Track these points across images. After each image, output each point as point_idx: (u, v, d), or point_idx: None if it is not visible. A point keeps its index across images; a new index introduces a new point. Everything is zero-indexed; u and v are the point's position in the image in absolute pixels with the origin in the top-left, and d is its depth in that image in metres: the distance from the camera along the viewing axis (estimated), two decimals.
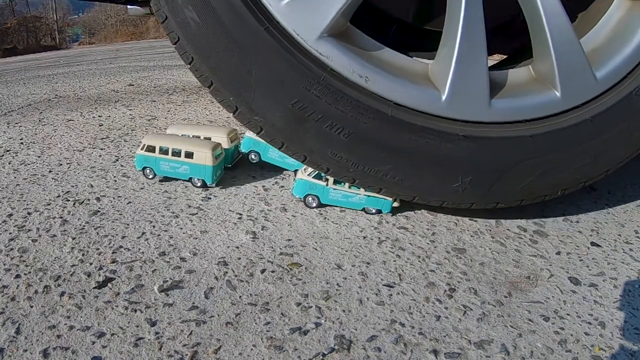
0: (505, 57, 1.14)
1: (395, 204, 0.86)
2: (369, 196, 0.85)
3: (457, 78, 0.72)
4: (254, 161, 1.04)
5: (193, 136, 1.04)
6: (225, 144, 1.03)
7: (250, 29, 0.69)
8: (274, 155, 1.03)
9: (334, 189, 0.86)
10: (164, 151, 0.94)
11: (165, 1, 0.71)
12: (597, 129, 0.76)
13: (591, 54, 0.78)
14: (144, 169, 0.98)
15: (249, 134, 1.04)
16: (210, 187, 0.96)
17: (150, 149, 0.95)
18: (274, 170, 1.06)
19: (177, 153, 0.94)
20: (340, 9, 0.70)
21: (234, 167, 1.08)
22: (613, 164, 0.80)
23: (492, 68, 0.80)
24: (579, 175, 0.78)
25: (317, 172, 0.86)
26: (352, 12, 0.74)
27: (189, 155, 0.93)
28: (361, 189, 0.84)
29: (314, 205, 0.88)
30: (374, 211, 0.87)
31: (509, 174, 0.76)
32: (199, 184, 0.95)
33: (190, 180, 0.96)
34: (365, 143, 0.73)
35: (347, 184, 0.86)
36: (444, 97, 0.73)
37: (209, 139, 1.03)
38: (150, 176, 0.98)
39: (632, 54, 0.78)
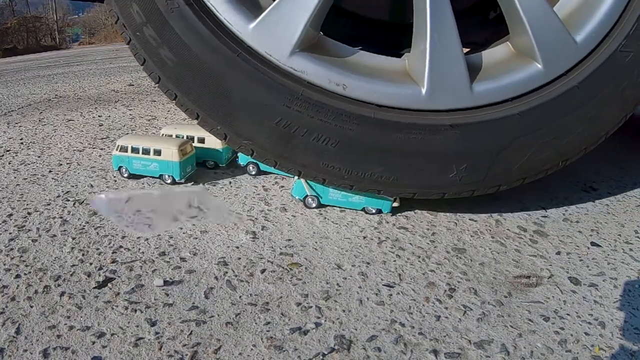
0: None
1: (395, 204, 0.86)
2: (368, 196, 0.85)
3: (434, 69, 0.72)
4: (252, 173, 1.04)
5: (186, 136, 1.05)
6: (219, 145, 1.04)
7: (224, 57, 0.71)
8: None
9: (334, 189, 0.87)
10: (135, 150, 0.99)
11: (141, 45, 0.74)
12: (587, 94, 0.75)
13: (567, 19, 0.77)
14: (119, 168, 1.01)
15: None
16: (179, 182, 0.98)
17: (124, 149, 0.99)
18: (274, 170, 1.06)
19: (147, 151, 0.98)
20: (307, 22, 0.70)
21: (234, 167, 1.08)
22: (610, 126, 0.79)
23: (469, 52, 0.80)
24: (578, 143, 0.77)
25: None
26: (321, 22, 0.74)
27: (157, 152, 0.97)
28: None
29: (314, 205, 0.88)
30: (374, 211, 0.87)
31: (504, 155, 0.75)
32: (169, 181, 0.98)
33: (160, 177, 0.99)
34: (354, 149, 0.74)
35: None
36: (424, 91, 0.73)
37: (203, 139, 1.04)
38: (125, 175, 1.01)
39: (610, 11, 0.76)
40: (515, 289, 0.67)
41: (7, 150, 1.24)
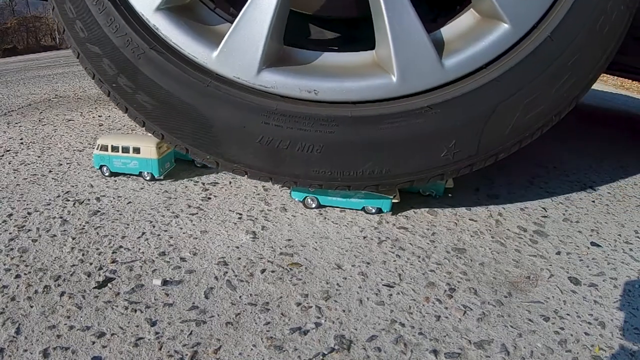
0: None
1: (395, 200, 0.86)
2: (367, 195, 0.85)
3: (399, 55, 0.72)
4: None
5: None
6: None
7: (196, 89, 0.73)
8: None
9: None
10: (115, 149, 1.00)
11: (120, 94, 0.77)
12: (562, 43, 0.74)
13: None
14: (101, 167, 1.03)
15: None
16: (158, 179, 1.00)
17: (104, 148, 1.01)
18: None
19: (126, 149, 0.99)
20: (266, 39, 0.71)
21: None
22: (595, 69, 0.77)
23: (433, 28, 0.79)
24: (565, 93, 0.76)
25: None
26: (281, 35, 0.76)
27: (137, 150, 0.99)
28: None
29: (314, 206, 0.88)
30: (373, 211, 0.87)
31: (492, 123, 0.75)
32: (148, 177, 1.00)
33: (140, 174, 1.01)
34: (339, 150, 0.74)
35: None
36: (395, 79, 0.73)
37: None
38: (107, 173, 1.02)
39: None
40: (516, 288, 0.67)
41: (7, 150, 1.24)
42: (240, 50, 0.73)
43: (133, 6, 0.75)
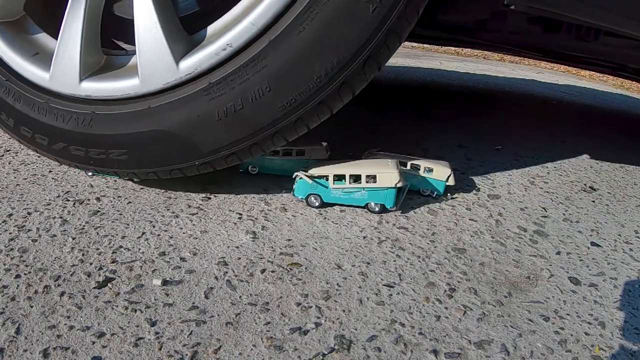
0: None
1: (399, 184, 0.84)
2: (371, 190, 0.85)
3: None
4: (254, 172, 1.05)
5: None
6: None
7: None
8: (271, 165, 1.04)
9: (335, 188, 0.87)
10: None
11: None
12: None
13: None
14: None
15: None
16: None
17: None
18: None
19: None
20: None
21: (234, 169, 1.08)
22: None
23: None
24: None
25: (318, 172, 0.86)
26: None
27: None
28: (362, 183, 0.85)
29: (317, 204, 0.88)
30: (377, 209, 0.87)
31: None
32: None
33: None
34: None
35: (348, 181, 0.86)
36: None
37: None
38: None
39: None
40: (516, 288, 0.67)
41: (7, 150, 1.24)
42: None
43: None
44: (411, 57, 3.52)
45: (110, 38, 0.97)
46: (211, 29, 0.76)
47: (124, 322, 0.57)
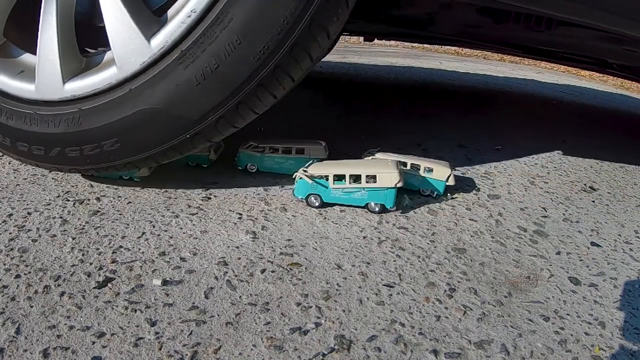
0: None
1: (399, 184, 0.84)
2: (371, 190, 0.85)
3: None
4: (253, 170, 1.05)
5: None
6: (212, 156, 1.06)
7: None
8: (269, 163, 1.04)
9: (335, 188, 0.87)
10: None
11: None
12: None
13: None
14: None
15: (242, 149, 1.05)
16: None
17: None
18: None
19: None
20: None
21: (234, 168, 1.08)
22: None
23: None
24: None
25: (318, 172, 0.86)
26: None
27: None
28: (362, 183, 0.85)
29: (317, 204, 0.88)
30: (377, 209, 0.87)
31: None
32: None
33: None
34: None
35: (348, 181, 0.86)
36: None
37: None
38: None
39: None
40: (516, 288, 0.67)
41: None
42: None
43: None
44: (411, 57, 3.52)
45: (93, 47, 0.98)
46: (177, 4, 0.78)
47: (124, 322, 0.57)
